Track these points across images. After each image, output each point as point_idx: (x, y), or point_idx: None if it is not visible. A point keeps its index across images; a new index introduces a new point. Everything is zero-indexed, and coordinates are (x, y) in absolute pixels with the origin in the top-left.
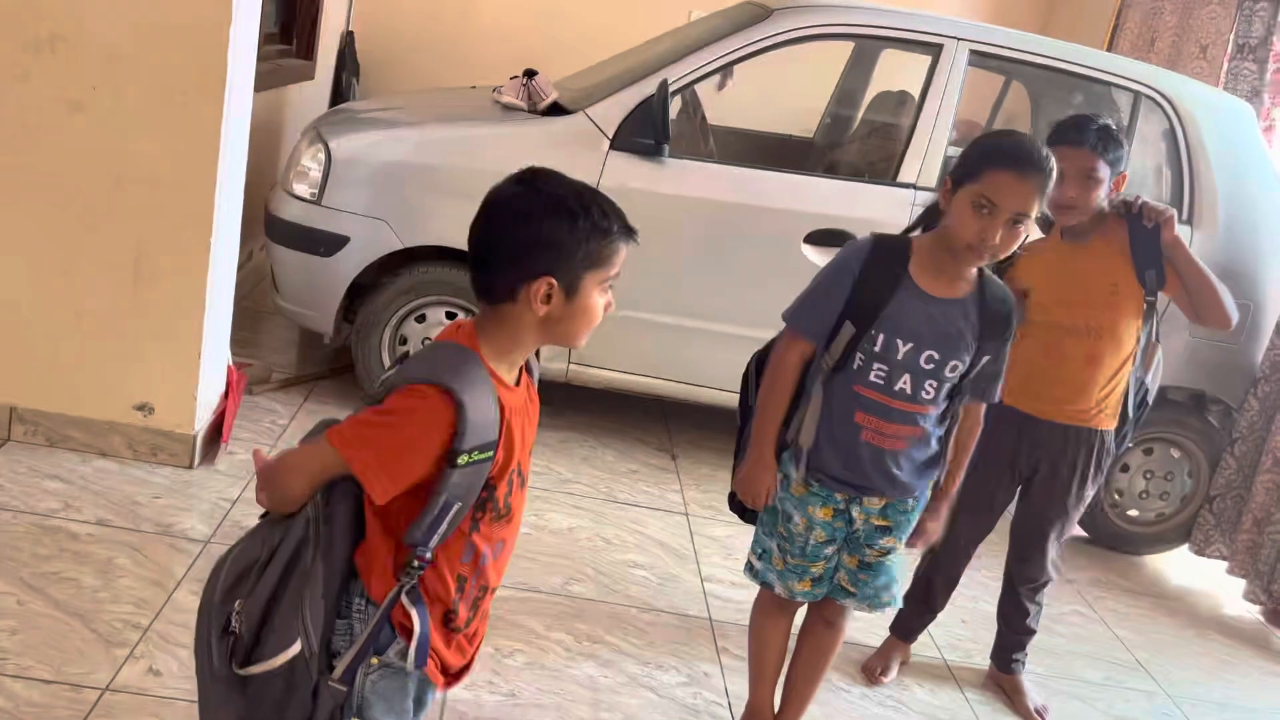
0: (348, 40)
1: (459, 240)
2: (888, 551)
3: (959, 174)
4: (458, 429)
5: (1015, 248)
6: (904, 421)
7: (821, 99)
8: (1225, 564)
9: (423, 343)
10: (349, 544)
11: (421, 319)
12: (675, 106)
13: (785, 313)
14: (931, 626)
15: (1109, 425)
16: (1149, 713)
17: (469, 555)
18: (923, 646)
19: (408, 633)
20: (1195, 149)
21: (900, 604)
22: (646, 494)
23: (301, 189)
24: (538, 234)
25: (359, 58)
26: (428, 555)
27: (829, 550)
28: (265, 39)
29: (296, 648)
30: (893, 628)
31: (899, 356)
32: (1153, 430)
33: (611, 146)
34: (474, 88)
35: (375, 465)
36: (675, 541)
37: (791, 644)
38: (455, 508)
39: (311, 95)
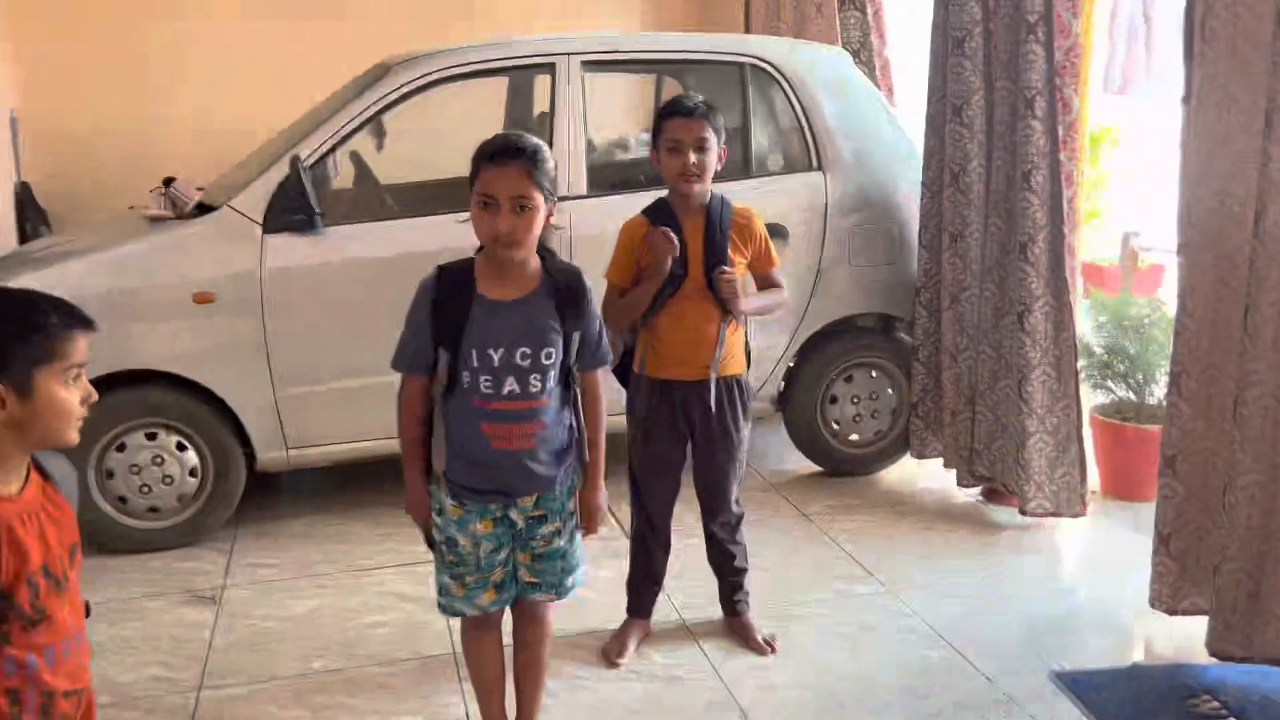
0: (24, 191)
1: (133, 360)
2: (552, 538)
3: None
4: None
5: (533, 230)
6: (525, 419)
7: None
8: (941, 460)
9: (130, 470)
10: None
11: (122, 448)
12: (349, 174)
13: (392, 359)
14: (670, 592)
15: (739, 370)
16: (873, 610)
17: (11, 668)
18: (664, 615)
19: None
20: (807, 102)
21: (584, 583)
22: (395, 553)
23: None
24: None
25: (43, 206)
26: None
27: (502, 555)
28: None
29: None
30: (627, 609)
31: (496, 364)
32: (848, 359)
33: (265, 231)
34: (131, 208)
35: None
36: (421, 591)
37: None
38: None
39: None
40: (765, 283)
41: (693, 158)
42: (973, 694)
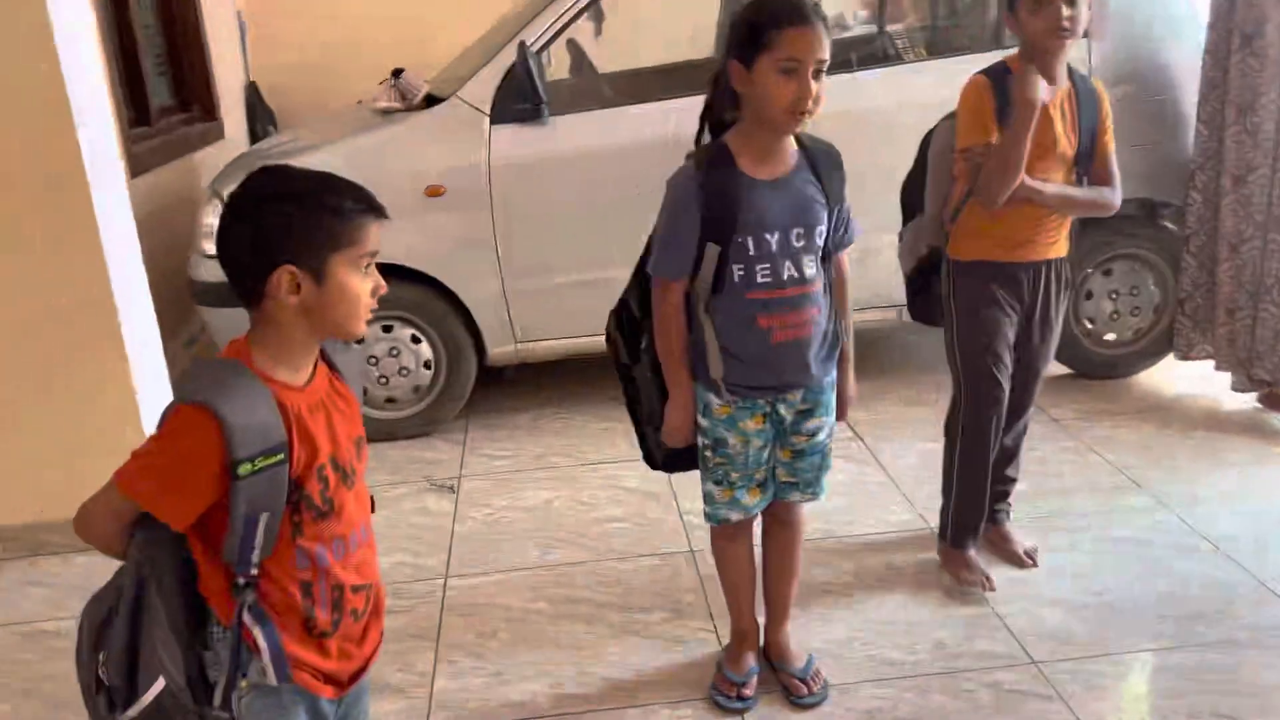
0: (253, 91)
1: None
2: (816, 432)
3: (748, 51)
4: (226, 440)
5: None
6: (806, 305)
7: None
8: (1212, 362)
9: (369, 361)
10: (180, 575)
11: (360, 340)
12: (564, 64)
13: (649, 265)
14: (912, 498)
15: (1065, 252)
16: (1143, 523)
17: (304, 560)
18: (906, 521)
19: (260, 650)
20: None
21: (825, 486)
22: (621, 447)
23: (210, 247)
24: (264, 227)
25: (269, 105)
26: (252, 571)
27: (767, 452)
28: (161, 112)
29: (160, 685)
30: (951, 541)
31: (773, 249)
32: (1106, 251)
33: (492, 121)
34: (360, 103)
35: (157, 494)
36: (653, 486)
37: None
38: (263, 518)
39: (228, 153)
40: (1104, 166)
41: (1066, 10)
42: (1271, 620)
